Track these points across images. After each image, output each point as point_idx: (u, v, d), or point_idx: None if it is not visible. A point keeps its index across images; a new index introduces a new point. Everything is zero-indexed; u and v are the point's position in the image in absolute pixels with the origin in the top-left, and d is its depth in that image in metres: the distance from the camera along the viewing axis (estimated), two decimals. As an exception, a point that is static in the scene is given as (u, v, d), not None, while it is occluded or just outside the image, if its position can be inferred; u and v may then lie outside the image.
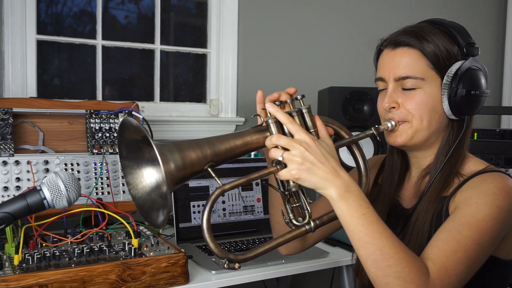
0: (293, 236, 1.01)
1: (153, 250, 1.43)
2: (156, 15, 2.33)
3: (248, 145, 0.99)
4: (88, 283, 1.26)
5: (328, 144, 0.99)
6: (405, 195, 1.22)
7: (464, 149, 1.13)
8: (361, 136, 1.09)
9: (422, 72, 1.08)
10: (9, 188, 1.60)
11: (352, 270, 1.79)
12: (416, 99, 1.09)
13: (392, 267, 0.90)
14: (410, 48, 1.10)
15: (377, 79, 1.17)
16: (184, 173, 0.90)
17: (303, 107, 1.02)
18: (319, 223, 1.02)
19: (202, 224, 0.89)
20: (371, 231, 0.92)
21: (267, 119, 0.99)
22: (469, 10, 3.09)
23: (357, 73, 2.71)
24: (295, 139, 0.95)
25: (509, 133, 2.24)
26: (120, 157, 0.97)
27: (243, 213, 1.91)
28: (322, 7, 2.63)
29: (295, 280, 2.53)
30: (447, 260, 0.95)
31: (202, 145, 0.93)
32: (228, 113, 2.40)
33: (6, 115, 1.63)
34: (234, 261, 0.93)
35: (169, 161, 0.87)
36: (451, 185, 1.10)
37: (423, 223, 1.09)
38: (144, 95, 2.37)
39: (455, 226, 0.99)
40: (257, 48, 2.46)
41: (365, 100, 2.18)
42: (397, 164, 1.23)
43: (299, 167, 0.93)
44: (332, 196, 0.95)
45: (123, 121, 0.90)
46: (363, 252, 0.93)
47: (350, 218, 0.94)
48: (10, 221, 1.06)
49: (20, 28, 1.97)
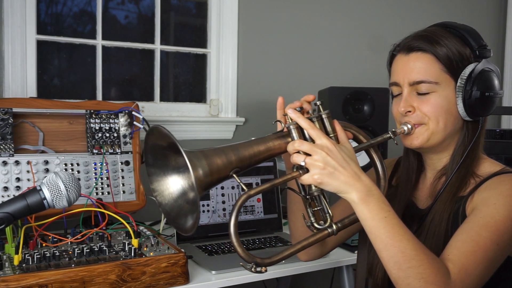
0: (316, 239, 1.03)
1: (153, 250, 1.43)
2: (156, 15, 2.33)
3: (270, 150, 1.02)
4: (88, 283, 1.26)
5: (348, 149, 1.01)
6: (420, 195, 1.23)
7: (479, 149, 1.15)
8: (379, 140, 1.11)
9: (436, 76, 1.10)
10: (9, 188, 1.60)
11: (352, 270, 1.79)
12: (432, 102, 1.10)
13: (414, 269, 0.92)
14: (423, 53, 1.11)
15: (391, 84, 1.19)
16: (211, 179, 0.93)
17: (323, 113, 1.04)
18: (341, 226, 1.04)
19: (229, 229, 0.92)
20: (393, 233, 0.94)
21: (289, 124, 1.01)
22: (469, 10, 3.09)
23: (357, 73, 2.70)
24: (316, 144, 0.98)
25: (509, 133, 2.24)
26: (146, 165, 0.99)
27: (243, 213, 1.91)
28: (322, 7, 2.63)
29: (295, 280, 2.53)
30: (467, 260, 0.97)
31: (227, 152, 0.96)
32: (228, 113, 2.40)
33: (6, 115, 1.63)
34: (261, 265, 0.95)
35: (197, 168, 0.90)
36: (468, 186, 1.12)
37: (439, 222, 1.10)
38: (144, 95, 2.37)
39: (474, 227, 1.00)
40: (257, 48, 2.46)
41: (365, 100, 2.18)
42: (413, 166, 1.25)
43: (321, 171, 0.95)
44: (353, 199, 0.97)
45: (152, 128, 0.93)
46: (385, 254, 0.95)
47: (372, 221, 0.96)
48: (10, 221, 1.06)
49: (20, 28, 1.97)
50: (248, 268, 0.95)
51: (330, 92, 2.17)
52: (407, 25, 1.20)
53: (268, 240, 1.82)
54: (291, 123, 1.01)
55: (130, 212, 1.68)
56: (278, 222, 1.97)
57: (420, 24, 1.23)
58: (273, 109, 1.06)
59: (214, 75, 2.43)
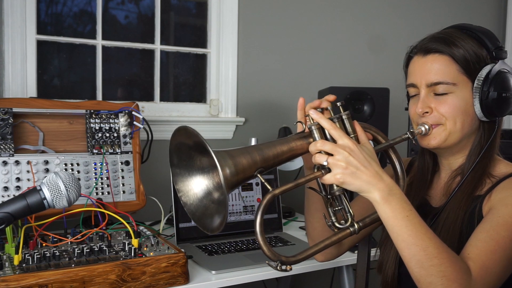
0: (338, 238, 1.04)
1: (153, 250, 1.43)
2: (156, 15, 2.33)
3: (293, 151, 1.03)
4: (88, 283, 1.26)
5: (369, 149, 1.03)
6: (433, 194, 1.25)
7: (495, 150, 1.17)
8: (397, 140, 1.13)
9: (453, 77, 1.11)
10: (9, 188, 1.60)
11: (352, 270, 1.79)
12: (449, 103, 1.12)
13: (436, 267, 0.93)
14: (440, 55, 1.12)
15: (408, 85, 1.20)
16: (237, 179, 0.94)
17: (343, 114, 1.05)
18: (362, 225, 1.05)
19: (255, 229, 0.93)
20: (415, 232, 0.95)
21: (311, 125, 1.02)
22: (469, 10, 3.09)
23: (357, 73, 2.71)
24: (338, 144, 0.98)
25: (509, 133, 2.24)
26: (171, 165, 0.99)
27: (243, 213, 1.91)
28: (322, 7, 2.63)
29: (295, 280, 2.53)
30: (487, 259, 0.98)
31: (252, 152, 0.97)
32: (228, 113, 2.40)
33: (6, 115, 1.63)
34: (286, 263, 0.96)
35: (224, 168, 0.91)
36: (484, 185, 1.13)
37: (454, 220, 1.12)
38: (144, 95, 2.37)
39: (493, 227, 1.02)
40: (257, 48, 2.46)
41: (365, 100, 2.18)
42: (429, 166, 1.27)
43: (344, 171, 0.96)
44: (376, 199, 0.98)
45: (180, 128, 0.94)
46: (407, 253, 0.96)
47: (394, 220, 0.97)
48: (10, 221, 1.06)
49: (20, 28, 1.97)
50: (273, 266, 0.96)
51: (330, 92, 2.16)
52: (407, 25, 1.21)
53: (268, 240, 1.82)
54: (313, 123, 1.02)
55: (130, 212, 1.68)
56: (278, 222, 1.97)
57: (420, 24, 1.24)
58: (273, 109, 1.07)
59: (214, 75, 2.43)
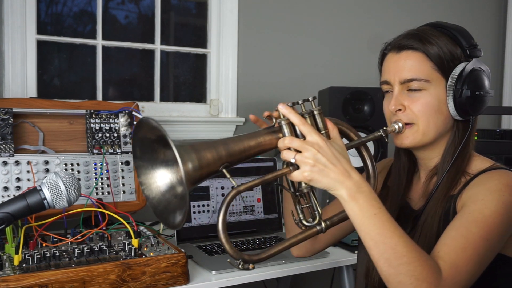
0: (304, 236, 1.02)
1: (153, 250, 1.43)
2: (156, 15, 2.33)
3: (261, 146, 1.00)
4: (88, 283, 1.26)
5: (340, 145, 1.00)
6: (413, 196, 1.23)
7: (470, 148, 1.15)
8: (370, 138, 1.11)
9: (427, 74, 1.10)
10: (9, 188, 1.60)
11: (352, 270, 1.79)
12: (422, 101, 1.10)
13: (405, 266, 0.92)
14: (414, 51, 1.11)
15: (382, 82, 1.19)
16: (201, 173, 0.91)
17: (315, 109, 1.03)
18: (329, 223, 1.04)
19: (217, 225, 0.91)
20: (383, 230, 0.94)
21: (280, 120, 1.00)
22: (469, 10, 3.09)
23: (357, 73, 2.70)
24: (307, 141, 0.96)
25: (509, 133, 2.24)
26: (134, 157, 0.97)
27: (243, 213, 1.91)
28: (322, 7, 2.63)
29: (295, 280, 2.53)
30: (457, 257, 0.96)
31: (217, 146, 0.94)
32: (228, 113, 2.40)
33: (6, 115, 1.63)
34: (249, 262, 0.95)
35: (187, 162, 0.88)
36: (459, 184, 1.12)
37: (431, 223, 1.10)
38: (144, 95, 2.37)
39: (463, 224, 1.01)
40: (257, 48, 2.46)
41: (365, 100, 2.18)
42: (404, 166, 1.25)
43: (312, 168, 0.94)
44: (343, 196, 0.96)
45: (141, 120, 0.91)
46: (375, 252, 0.94)
47: (361, 218, 0.95)
48: (10, 221, 1.06)
49: (20, 28, 1.97)
50: (235, 265, 0.94)
51: (330, 92, 2.17)
52: (407, 25, 1.20)
53: (268, 240, 1.82)
54: (282, 118, 0.99)
55: (130, 212, 1.68)
56: (278, 222, 1.97)
57: (420, 24, 1.23)
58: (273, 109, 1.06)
59: (214, 75, 2.43)
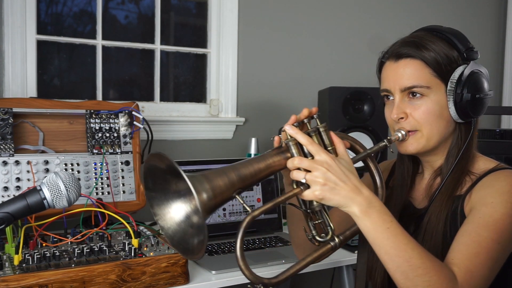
0: (319, 254, 1.02)
1: (153, 250, 1.43)
2: (156, 15, 2.33)
3: (270, 168, 1.01)
4: (88, 283, 1.26)
5: (347, 161, 1.01)
6: (417, 195, 1.24)
7: (473, 149, 1.16)
8: (375, 149, 1.12)
9: (426, 80, 1.11)
10: (9, 188, 1.60)
11: (352, 270, 1.79)
12: (423, 108, 1.11)
13: (421, 277, 0.93)
14: (412, 59, 1.12)
15: (382, 91, 1.19)
16: (215, 202, 0.92)
17: (320, 126, 1.04)
18: (343, 239, 1.04)
19: (236, 253, 0.91)
20: (397, 244, 0.95)
21: (288, 141, 1.00)
22: (469, 10, 3.09)
23: (357, 73, 2.70)
24: (316, 160, 0.97)
25: (509, 133, 2.24)
26: (146, 189, 0.97)
27: (243, 213, 1.90)
28: (322, 7, 2.63)
29: (295, 280, 2.53)
30: (471, 263, 0.97)
31: (228, 173, 0.95)
32: (228, 113, 2.40)
33: (6, 115, 1.63)
34: (268, 285, 0.95)
35: (201, 192, 0.89)
36: (464, 184, 1.13)
37: (436, 223, 1.11)
38: (144, 95, 2.37)
39: (474, 228, 1.01)
40: (257, 48, 2.46)
41: (365, 100, 2.18)
42: (408, 169, 1.26)
43: (322, 187, 0.95)
44: (355, 213, 0.97)
45: (152, 154, 0.91)
46: (391, 265, 0.95)
47: (375, 233, 0.96)
48: (10, 221, 1.06)
49: (20, 28, 1.96)
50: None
51: (330, 92, 2.17)
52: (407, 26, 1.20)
53: (268, 240, 1.82)
54: (290, 139, 1.00)
55: (130, 212, 1.68)
56: (278, 222, 1.97)
57: (420, 24, 1.23)
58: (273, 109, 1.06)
59: (214, 75, 2.43)
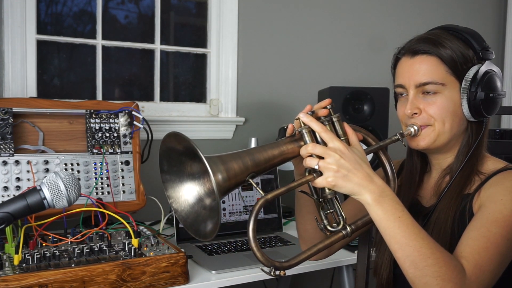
0: (331, 242, 1.03)
1: (153, 250, 1.43)
2: (156, 15, 2.33)
3: (284, 154, 1.02)
4: (88, 283, 1.26)
5: (360, 151, 1.02)
6: (424, 194, 1.25)
7: (483, 149, 1.17)
8: (387, 142, 1.13)
9: (441, 77, 1.12)
10: (9, 188, 1.60)
11: (352, 270, 1.79)
12: (438, 104, 1.12)
13: (430, 267, 0.93)
14: (428, 56, 1.13)
15: (396, 86, 1.20)
16: (229, 184, 0.93)
17: (333, 116, 1.05)
18: (354, 228, 1.05)
19: (248, 234, 0.92)
20: (408, 233, 0.95)
21: (301, 129, 1.02)
22: (469, 10, 3.09)
23: (357, 73, 2.71)
24: (329, 147, 0.98)
25: (509, 133, 2.24)
26: (161, 171, 0.98)
27: (243, 213, 1.90)
28: (322, 7, 2.63)
29: (295, 280, 2.53)
30: (480, 257, 0.98)
31: (243, 157, 0.97)
32: (228, 113, 2.40)
33: (6, 115, 1.63)
34: (280, 268, 0.96)
35: (216, 173, 0.90)
36: (473, 183, 1.14)
37: (444, 220, 1.12)
38: (144, 95, 2.37)
39: (484, 224, 1.02)
40: (257, 48, 2.46)
41: (365, 100, 2.18)
42: (417, 166, 1.27)
43: (335, 174, 0.96)
44: (367, 201, 0.97)
45: (170, 134, 0.92)
46: (400, 254, 0.96)
47: (386, 222, 0.97)
48: (10, 221, 1.06)
49: (20, 28, 1.97)
50: (267, 272, 0.96)
51: (330, 92, 2.17)
52: (406, 26, 1.21)
53: (268, 240, 1.82)
54: (303, 127, 1.01)
55: (130, 212, 1.68)
56: (278, 222, 1.97)
57: (420, 24, 1.24)
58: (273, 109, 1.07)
59: (214, 75, 2.43)
